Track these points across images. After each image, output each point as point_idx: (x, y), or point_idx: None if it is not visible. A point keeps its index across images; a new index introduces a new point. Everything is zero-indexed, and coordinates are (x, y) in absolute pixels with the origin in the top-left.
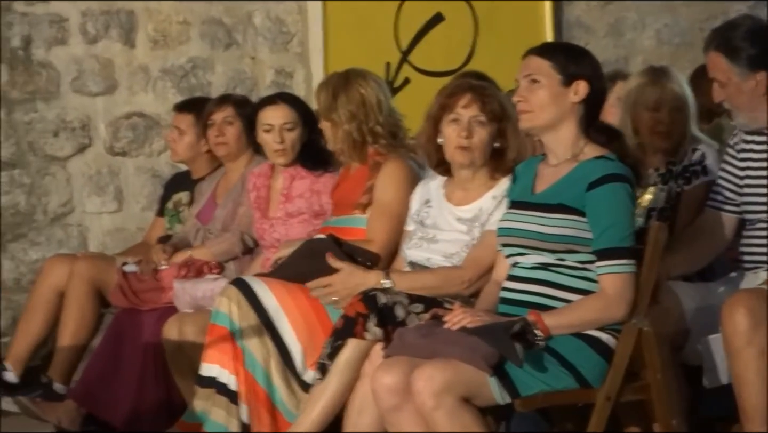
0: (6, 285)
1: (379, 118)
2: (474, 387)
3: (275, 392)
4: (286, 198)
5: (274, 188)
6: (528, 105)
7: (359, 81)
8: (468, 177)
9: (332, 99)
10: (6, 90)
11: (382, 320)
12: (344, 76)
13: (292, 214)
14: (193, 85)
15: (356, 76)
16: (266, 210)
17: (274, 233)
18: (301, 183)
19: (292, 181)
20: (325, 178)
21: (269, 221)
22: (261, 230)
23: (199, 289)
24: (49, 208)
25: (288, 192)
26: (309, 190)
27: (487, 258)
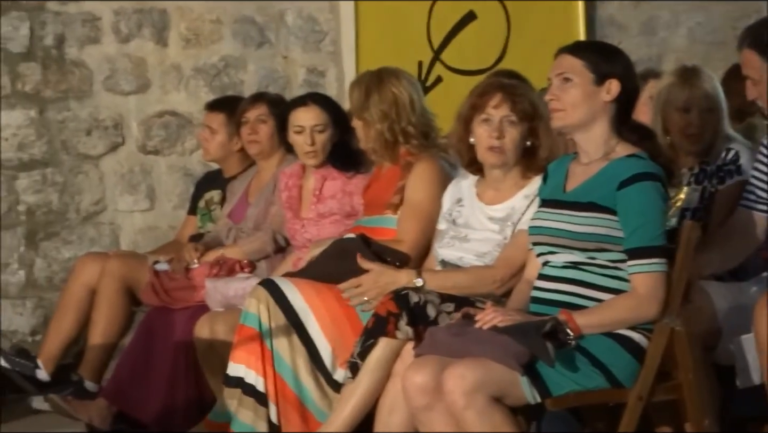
0: (38, 283)
1: (411, 117)
2: (505, 386)
3: (305, 392)
4: (318, 199)
5: (306, 188)
6: (560, 104)
7: (392, 80)
8: (500, 177)
9: (365, 98)
10: (39, 89)
11: (414, 319)
12: (377, 75)
13: (324, 214)
14: (225, 84)
15: (389, 75)
16: (298, 210)
17: (305, 233)
18: (332, 184)
19: (323, 181)
20: (357, 179)
21: (301, 221)
22: (293, 230)
23: (230, 288)
24: (81, 206)
25: (320, 193)
26: (341, 192)
27: (519, 257)
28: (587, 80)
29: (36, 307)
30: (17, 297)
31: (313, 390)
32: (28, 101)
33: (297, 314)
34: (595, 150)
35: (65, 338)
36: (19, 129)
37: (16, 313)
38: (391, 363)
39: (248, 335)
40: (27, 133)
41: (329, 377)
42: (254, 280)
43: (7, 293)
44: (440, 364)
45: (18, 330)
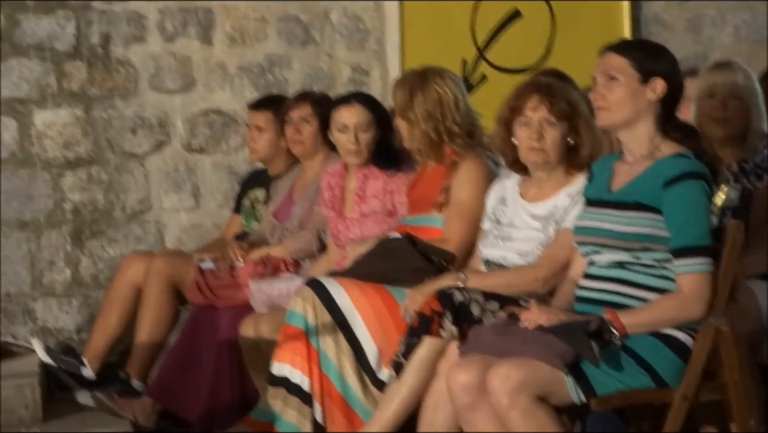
0: (84, 281)
1: (456, 117)
2: (550, 386)
3: (350, 392)
4: (361, 198)
5: (348, 188)
6: (605, 102)
7: (436, 79)
8: (543, 176)
9: (409, 98)
10: (85, 87)
11: (458, 318)
12: (421, 74)
13: (367, 214)
14: (270, 83)
15: (433, 74)
16: (341, 209)
17: (349, 232)
18: (375, 183)
19: (365, 181)
20: (399, 178)
21: (344, 221)
22: (336, 229)
23: (275, 288)
24: (126, 205)
25: (362, 192)
26: (383, 190)
27: (562, 255)
28: (632, 79)
29: (81, 305)
30: (63, 295)
31: (358, 390)
32: (74, 100)
33: (343, 314)
34: (640, 149)
35: (110, 336)
36: (65, 127)
37: (62, 311)
38: (435, 362)
39: (293, 334)
40: (73, 132)
41: (374, 377)
42: (298, 280)
43: (53, 291)
44: (485, 363)
45: (64, 328)
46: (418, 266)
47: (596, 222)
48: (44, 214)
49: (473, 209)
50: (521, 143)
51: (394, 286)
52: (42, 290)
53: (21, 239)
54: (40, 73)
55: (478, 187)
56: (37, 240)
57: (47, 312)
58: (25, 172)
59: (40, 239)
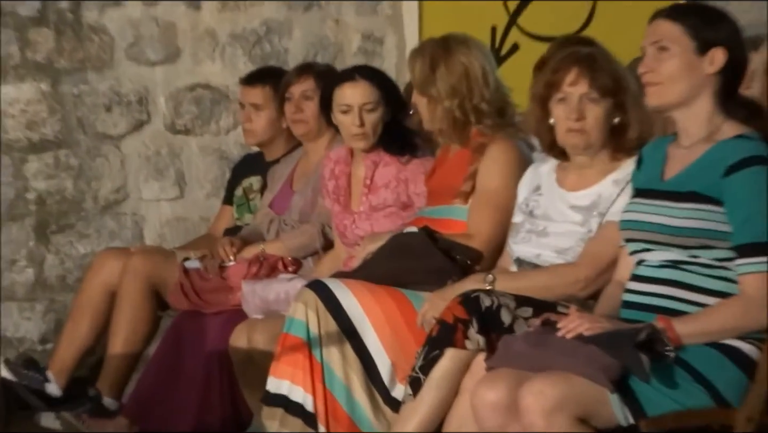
0: (49, 283)
1: (484, 93)
2: (592, 405)
3: (359, 412)
4: (370, 189)
5: (356, 177)
6: (656, 77)
7: (461, 49)
8: (585, 161)
9: (430, 71)
10: (52, 59)
11: (485, 326)
12: (443, 43)
13: (377, 207)
14: (267, 53)
15: (458, 43)
16: (347, 202)
17: (356, 229)
18: (386, 171)
19: (375, 168)
20: (414, 165)
21: (351, 215)
22: (342, 225)
23: (271, 291)
24: (99, 194)
25: (371, 182)
26: (395, 179)
27: (607, 253)
28: (687, 49)
29: (47, 311)
30: (25, 299)
31: (368, 409)
32: (39, 72)
33: (351, 321)
34: (698, 130)
35: (80, 346)
36: (29, 105)
37: (24, 317)
38: (458, 378)
39: (293, 345)
40: (38, 110)
41: (387, 394)
42: (299, 281)
43: (13, 294)
44: (516, 379)
45: (26, 337)
46: (439, 266)
47: (646, 215)
48: (4, 205)
49: (503, 199)
50: (559, 123)
51: (411, 289)
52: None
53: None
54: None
55: (508, 174)
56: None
57: (6, 319)
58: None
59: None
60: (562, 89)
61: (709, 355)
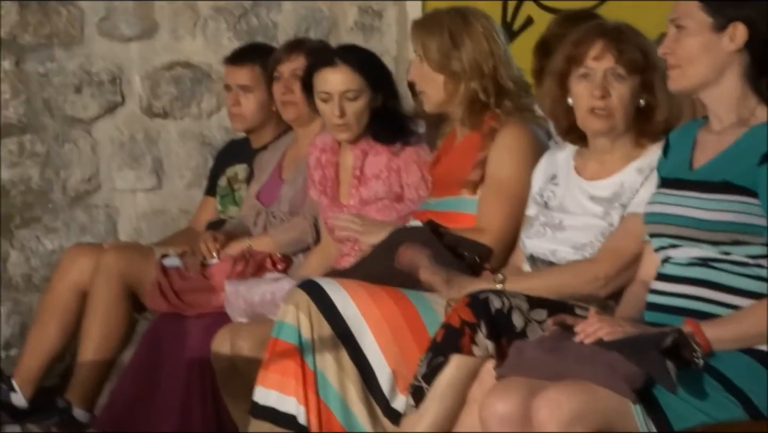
0: (13, 283)
1: (510, 72)
2: (613, 418)
3: (356, 424)
4: (360, 180)
5: (344, 167)
6: (674, 58)
7: (482, 22)
8: (606, 146)
9: (451, 45)
10: (15, 34)
11: (495, 331)
12: (460, 14)
13: (368, 200)
14: (254, 28)
15: (476, 15)
16: (335, 194)
17: None
18: (376, 160)
19: (365, 158)
20: (406, 153)
21: (340, 210)
22: (330, 221)
23: (256, 292)
24: (68, 184)
25: (361, 173)
26: (386, 169)
27: (629, 249)
28: (704, 26)
29: (10, 313)
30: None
31: (366, 422)
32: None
33: (347, 325)
34: (728, 114)
35: (48, 352)
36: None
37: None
38: (465, 387)
39: (283, 351)
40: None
41: (386, 405)
42: (287, 282)
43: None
44: (529, 388)
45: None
46: (446, 264)
47: (673, 208)
48: None
49: (515, 190)
50: (579, 102)
51: (413, 289)
52: None
53: None
54: None
55: (521, 162)
56: None
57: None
58: None
59: None
60: (584, 64)
61: (742, 362)
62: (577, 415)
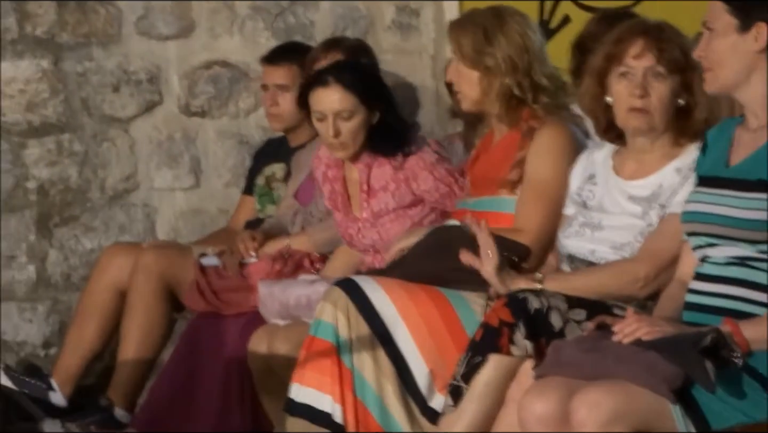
0: (52, 282)
1: (545, 69)
2: (651, 417)
3: (393, 423)
4: (369, 194)
5: (351, 180)
6: (707, 61)
7: (516, 19)
8: (645, 145)
9: (485, 41)
10: (54, 33)
11: (534, 331)
12: (495, 12)
13: (380, 213)
14: (291, 27)
15: (511, 14)
16: (347, 209)
17: (363, 238)
18: (380, 172)
19: (369, 171)
20: (410, 162)
21: (355, 223)
22: (347, 235)
23: (291, 295)
24: (107, 183)
25: (368, 187)
26: (393, 180)
27: (668, 249)
28: (730, 28)
29: (49, 312)
30: (26, 299)
31: (404, 421)
32: (39, 48)
33: (384, 324)
34: (762, 111)
35: (87, 351)
36: (28, 84)
37: (25, 319)
38: (504, 387)
39: (321, 349)
40: (38, 89)
41: (424, 404)
42: (321, 285)
43: (13, 294)
44: (567, 388)
45: (27, 341)
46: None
47: (711, 206)
48: (2, 195)
49: (554, 190)
50: (619, 101)
51: (451, 288)
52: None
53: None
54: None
55: (560, 161)
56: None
57: (6, 321)
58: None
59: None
60: (624, 62)
61: None
62: (615, 415)
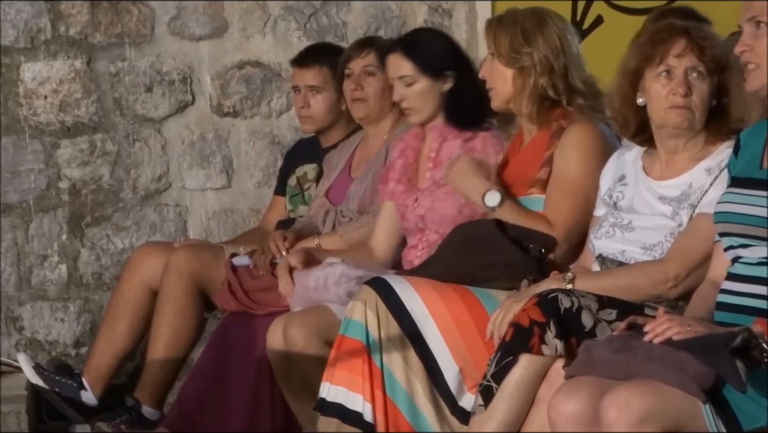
0: (84, 281)
1: (581, 72)
2: (682, 418)
3: (423, 423)
4: (434, 163)
5: (423, 154)
6: (754, 56)
7: (556, 22)
8: (678, 145)
9: (523, 40)
10: (87, 33)
11: (564, 330)
12: (535, 13)
13: (440, 182)
14: (323, 27)
15: (551, 15)
16: (413, 179)
17: (417, 207)
18: (452, 144)
19: (442, 141)
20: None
21: (414, 194)
22: (403, 206)
23: (310, 277)
24: (139, 183)
25: (436, 155)
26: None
27: (699, 249)
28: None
29: (81, 311)
30: (57, 299)
31: (433, 420)
32: (72, 48)
33: (414, 323)
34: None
35: (118, 351)
36: (62, 84)
37: (56, 319)
38: (534, 386)
39: (351, 348)
40: (71, 90)
41: (454, 404)
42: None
43: (44, 293)
44: (598, 388)
45: (58, 340)
46: (510, 259)
47: (743, 206)
48: (34, 195)
49: (582, 187)
50: (657, 100)
51: (480, 286)
52: (31, 292)
53: (5, 227)
54: (30, 14)
55: (589, 160)
56: (25, 228)
57: (37, 320)
58: (9, 141)
59: (28, 226)
60: (665, 62)
61: None
62: (646, 415)
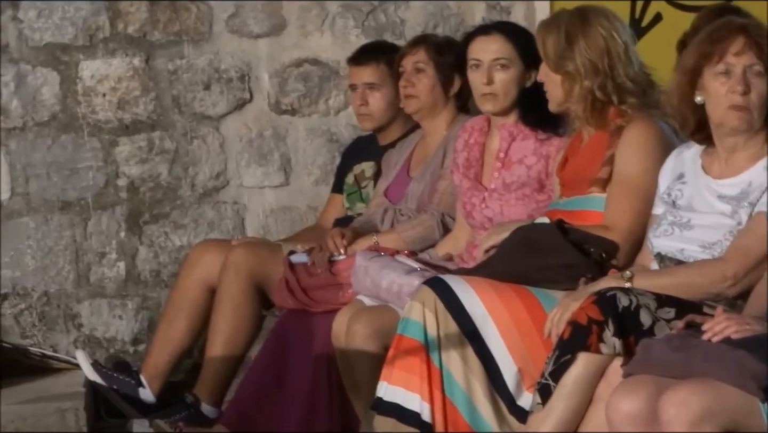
0: (142, 278)
1: (628, 70)
2: (740, 416)
3: (482, 422)
4: (504, 163)
5: (489, 150)
6: None
7: (601, 21)
8: (737, 144)
9: (566, 44)
10: (145, 31)
11: (622, 329)
12: (580, 14)
13: (510, 185)
14: (381, 25)
15: (596, 15)
16: (479, 176)
17: (485, 209)
18: (523, 145)
19: (512, 141)
20: (555, 143)
21: (481, 193)
22: (469, 204)
23: (384, 277)
24: (197, 181)
25: (505, 155)
26: (534, 155)
27: (758, 248)
28: None
29: (139, 308)
30: (116, 296)
31: (492, 419)
32: (131, 46)
33: (473, 323)
34: None
35: (175, 348)
36: (120, 82)
37: (115, 316)
38: (593, 385)
39: (409, 348)
40: (130, 87)
41: (512, 403)
42: (416, 278)
43: (103, 290)
44: (656, 387)
45: (116, 338)
46: (570, 262)
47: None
48: (92, 192)
49: (643, 187)
50: (716, 99)
51: (540, 287)
52: (89, 289)
53: (63, 224)
54: (89, 12)
55: (649, 159)
56: (84, 225)
57: (96, 317)
58: (68, 138)
59: (86, 224)
60: (724, 60)
61: None
62: (704, 414)
